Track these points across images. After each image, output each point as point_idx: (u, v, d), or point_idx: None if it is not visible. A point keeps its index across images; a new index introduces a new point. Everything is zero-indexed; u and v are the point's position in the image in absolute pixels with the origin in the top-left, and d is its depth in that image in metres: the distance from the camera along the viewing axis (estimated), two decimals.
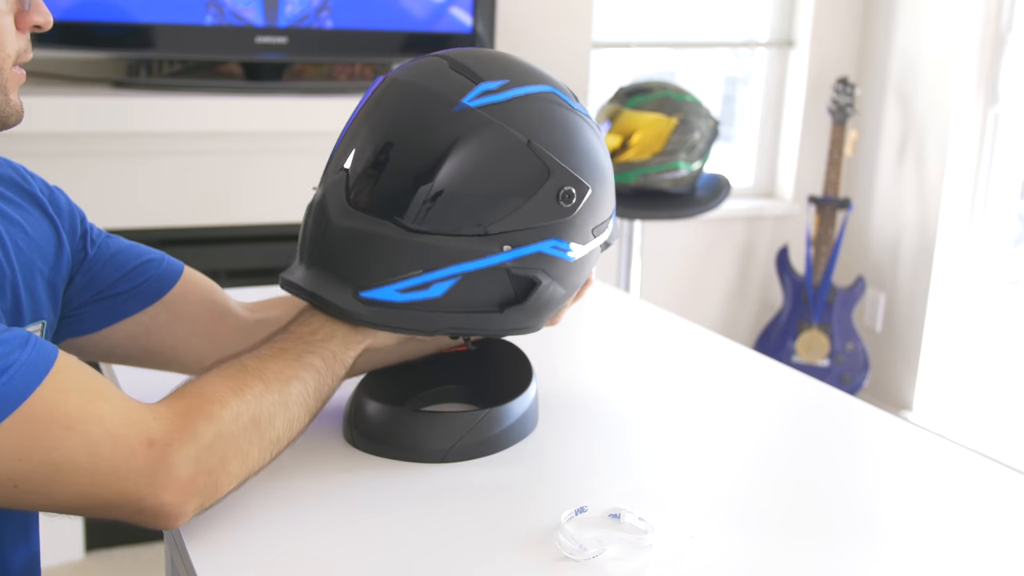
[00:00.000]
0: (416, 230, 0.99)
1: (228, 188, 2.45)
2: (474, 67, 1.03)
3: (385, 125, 1.03)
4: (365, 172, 1.01)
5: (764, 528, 0.96)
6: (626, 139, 2.92)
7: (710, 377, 1.40)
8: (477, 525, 0.94)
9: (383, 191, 1.00)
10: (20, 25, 0.91)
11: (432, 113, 1.01)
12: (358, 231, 1.00)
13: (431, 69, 1.04)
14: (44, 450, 0.79)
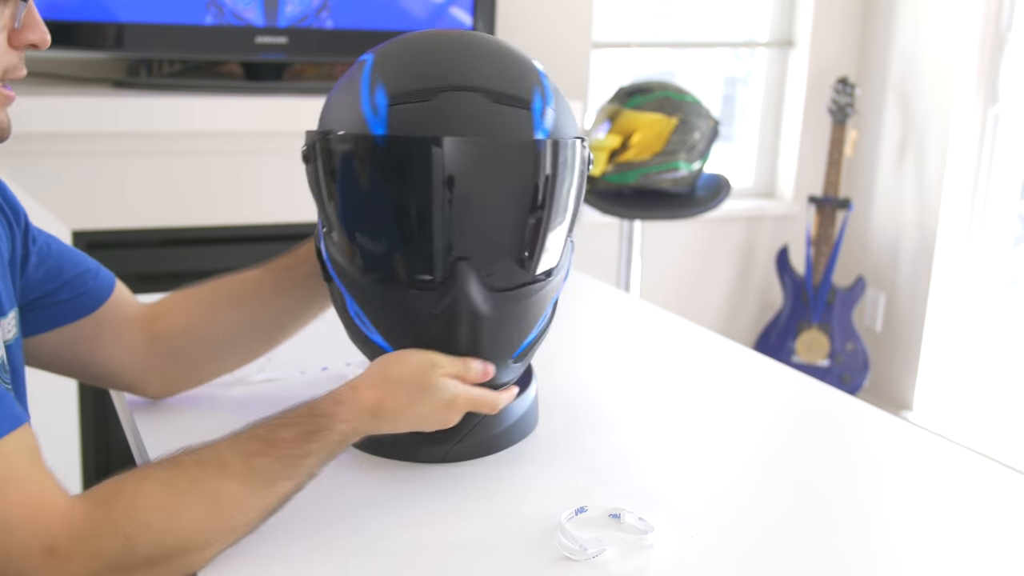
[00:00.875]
0: (549, 272, 1.01)
1: (228, 188, 2.45)
2: (509, 90, 0.96)
3: (488, 194, 0.95)
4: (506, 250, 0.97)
5: (764, 528, 0.96)
6: (626, 139, 2.92)
7: (710, 377, 1.40)
8: (477, 525, 0.94)
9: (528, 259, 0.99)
10: (14, 43, 0.87)
11: (522, 163, 0.96)
12: (514, 311, 0.98)
13: (479, 111, 0.95)
14: None
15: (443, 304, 0.95)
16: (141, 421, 1.14)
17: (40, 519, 0.78)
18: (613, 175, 2.93)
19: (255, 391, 1.25)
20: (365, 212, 0.98)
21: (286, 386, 1.26)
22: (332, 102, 1.05)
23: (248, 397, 1.23)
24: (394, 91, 0.96)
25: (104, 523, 0.80)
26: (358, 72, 1.01)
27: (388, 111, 0.95)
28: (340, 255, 1.01)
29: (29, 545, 0.77)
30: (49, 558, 0.78)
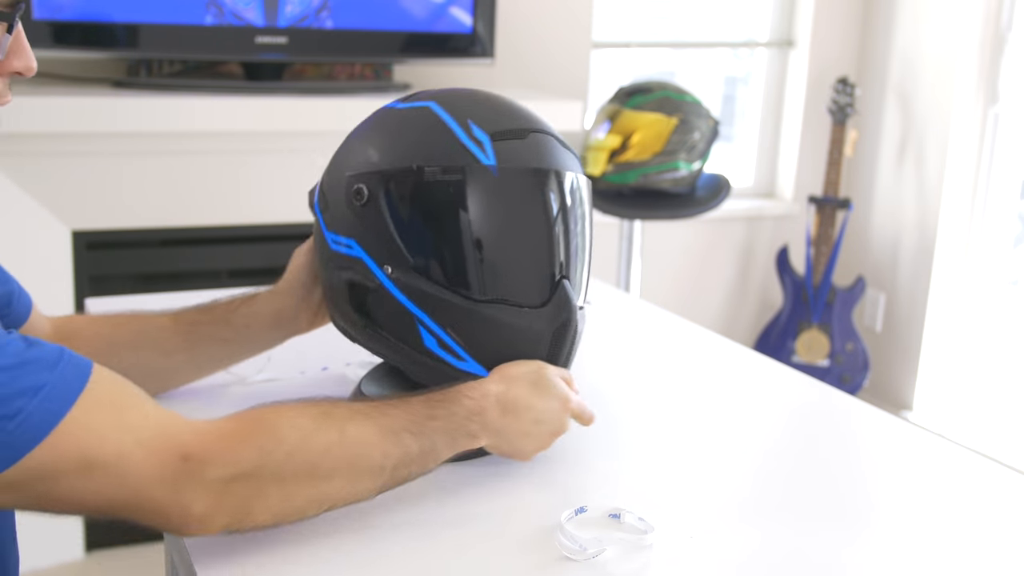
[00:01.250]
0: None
1: (228, 188, 2.45)
2: (559, 136, 1.10)
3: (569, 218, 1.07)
4: (580, 270, 1.09)
5: (764, 528, 0.96)
6: (626, 139, 2.92)
7: (710, 377, 1.40)
8: (477, 525, 0.94)
9: (587, 280, 1.11)
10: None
11: (588, 196, 1.10)
12: (583, 324, 1.09)
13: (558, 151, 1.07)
14: (74, 459, 0.78)
15: (558, 321, 1.04)
16: None
17: (170, 430, 0.82)
18: (613, 175, 2.93)
19: (255, 391, 1.25)
20: (474, 241, 1.03)
21: (286, 386, 1.26)
22: (385, 142, 1.07)
23: (248, 397, 1.23)
24: (491, 129, 1.04)
25: (239, 431, 0.84)
26: (424, 114, 1.06)
27: (493, 146, 1.03)
28: (430, 287, 1.03)
29: (163, 455, 0.80)
30: (186, 463, 0.80)
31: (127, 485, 0.80)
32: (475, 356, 1.04)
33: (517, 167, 1.03)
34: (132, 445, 0.80)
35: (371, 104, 2.77)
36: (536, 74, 3.03)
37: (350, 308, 1.08)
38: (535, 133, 1.06)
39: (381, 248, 1.04)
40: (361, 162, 1.06)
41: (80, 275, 2.37)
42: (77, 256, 2.36)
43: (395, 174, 1.03)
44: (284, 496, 0.85)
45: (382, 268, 1.04)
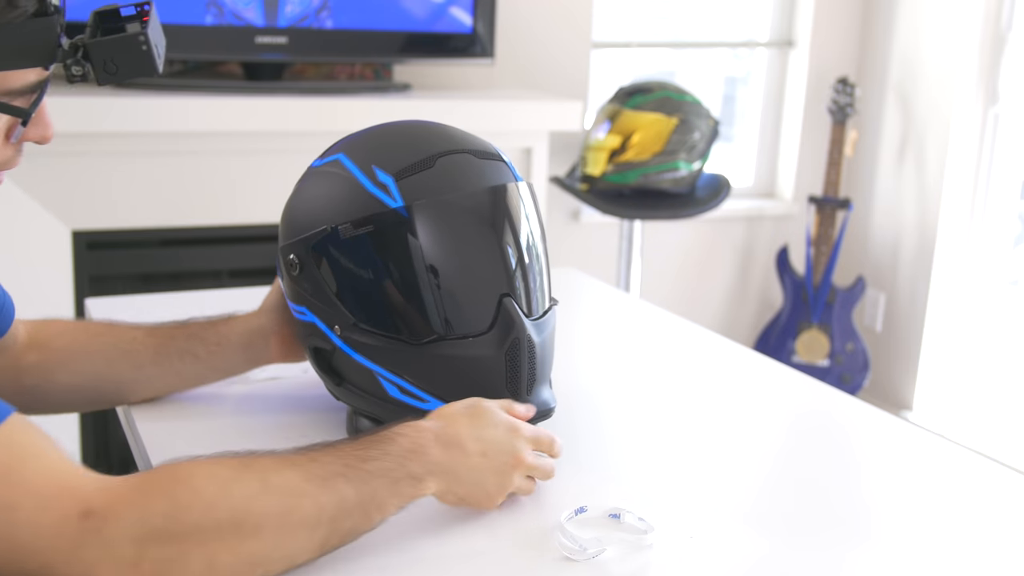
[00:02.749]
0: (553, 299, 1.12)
1: (228, 188, 2.45)
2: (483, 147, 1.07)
3: (506, 231, 1.05)
4: (528, 281, 1.07)
5: (764, 528, 0.96)
6: (626, 139, 2.92)
7: (710, 377, 1.40)
8: (477, 525, 0.94)
9: (546, 284, 1.10)
10: (11, 137, 0.86)
11: (517, 200, 1.07)
12: (547, 334, 1.08)
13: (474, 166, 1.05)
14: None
15: (507, 341, 1.02)
16: (141, 422, 1.14)
17: (71, 484, 0.73)
18: (613, 175, 2.93)
19: (257, 390, 1.25)
20: (401, 285, 1.02)
21: (288, 385, 1.26)
22: (310, 210, 1.06)
23: (250, 396, 1.23)
24: (394, 169, 1.02)
25: (149, 483, 0.75)
26: (336, 171, 1.05)
27: (398, 185, 1.01)
28: (375, 340, 1.03)
29: (63, 511, 0.71)
30: (86, 521, 0.71)
31: (17, 540, 0.71)
32: (437, 396, 1.03)
33: (423, 201, 1.01)
34: (24, 496, 0.71)
35: (371, 104, 2.77)
36: (536, 74, 3.03)
37: (320, 371, 1.10)
38: (444, 157, 1.03)
39: (325, 310, 1.05)
40: (290, 230, 1.08)
41: (80, 275, 2.37)
42: (77, 256, 2.36)
43: (315, 238, 1.03)
44: (207, 558, 0.75)
45: (332, 329, 1.05)
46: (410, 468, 0.87)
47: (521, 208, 1.06)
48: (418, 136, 1.07)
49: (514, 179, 1.07)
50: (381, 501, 0.84)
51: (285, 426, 1.15)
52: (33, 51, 0.82)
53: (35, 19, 0.81)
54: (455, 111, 2.54)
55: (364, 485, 0.83)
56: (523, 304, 1.04)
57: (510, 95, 2.77)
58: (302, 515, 0.79)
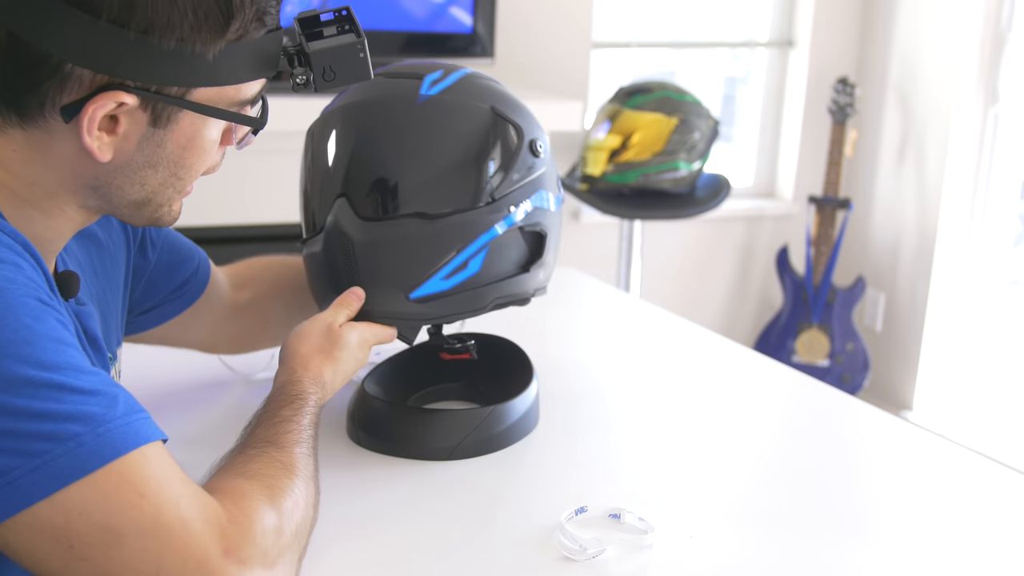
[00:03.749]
0: (438, 215, 1.05)
1: (228, 188, 2.45)
2: (408, 71, 1.11)
3: (368, 140, 1.08)
4: (372, 185, 1.06)
5: (764, 528, 0.96)
6: (626, 139, 2.92)
7: (710, 377, 1.40)
8: (477, 525, 0.94)
9: (397, 193, 1.06)
10: (223, 143, 0.92)
11: (404, 112, 1.08)
12: (385, 239, 1.05)
13: (372, 86, 1.10)
14: (108, 512, 0.71)
15: (324, 239, 1.06)
16: None
17: (213, 517, 0.75)
18: (613, 175, 2.93)
19: (256, 389, 1.25)
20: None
21: None
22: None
23: (250, 395, 1.24)
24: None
25: (255, 515, 0.78)
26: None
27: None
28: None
29: (209, 545, 0.73)
30: (227, 558, 0.74)
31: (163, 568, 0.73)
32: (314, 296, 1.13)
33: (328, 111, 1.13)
34: (173, 518, 0.73)
35: None
36: (536, 74, 3.03)
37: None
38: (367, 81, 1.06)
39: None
40: None
41: None
42: None
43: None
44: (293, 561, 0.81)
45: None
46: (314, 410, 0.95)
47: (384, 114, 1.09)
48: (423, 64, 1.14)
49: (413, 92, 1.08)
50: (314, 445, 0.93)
51: None
52: (266, 62, 0.87)
53: (271, 33, 0.86)
54: None
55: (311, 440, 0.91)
56: (359, 205, 1.06)
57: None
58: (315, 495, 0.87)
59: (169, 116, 0.82)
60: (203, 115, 0.84)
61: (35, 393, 0.70)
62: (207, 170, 0.91)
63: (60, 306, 0.79)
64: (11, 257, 0.76)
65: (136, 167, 0.83)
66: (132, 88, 0.79)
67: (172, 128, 0.83)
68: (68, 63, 0.77)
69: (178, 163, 0.85)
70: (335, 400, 1.20)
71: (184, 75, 0.80)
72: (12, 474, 0.70)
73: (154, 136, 0.82)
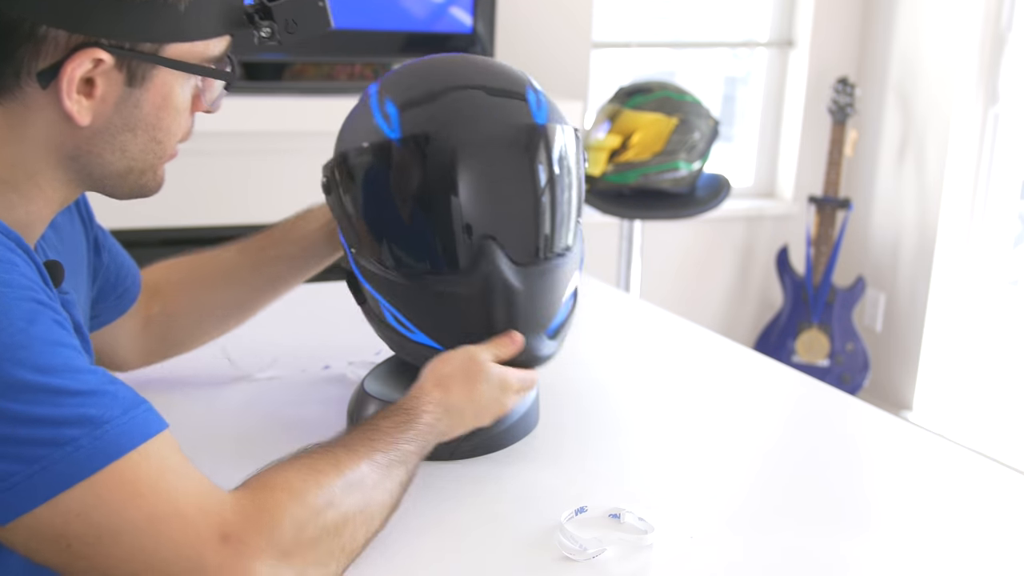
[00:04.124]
0: (568, 249, 1.07)
1: (228, 188, 2.45)
2: (504, 86, 1.06)
3: (508, 177, 1.02)
4: (524, 228, 1.03)
5: (764, 528, 0.96)
6: (626, 139, 2.92)
7: (710, 377, 1.40)
8: (477, 525, 0.94)
9: (552, 234, 1.05)
10: (194, 110, 0.92)
11: (534, 144, 1.03)
12: (542, 283, 1.04)
13: (473, 105, 1.03)
14: (105, 513, 0.72)
15: (477, 283, 1.01)
16: None
17: (212, 506, 0.76)
18: (613, 175, 2.93)
19: (256, 388, 1.25)
20: (393, 215, 1.03)
21: (288, 384, 1.26)
22: (342, 134, 1.11)
23: (249, 395, 1.24)
24: (402, 100, 1.04)
25: (271, 504, 0.78)
26: (365, 98, 1.09)
27: (400, 117, 1.02)
28: (375, 267, 1.06)
29: (201, 531, 0.74)
30: (225, 545, 0.74)
31: (158, 557, 0.73)
32: (421, 328, 1.05)
33: (419, 133, 1.01)
34: (169, 513, 0.74)
35: None
36: (536, 74, 3.01)
37: (351, 292, 1.12)
38: (455, 92, 1.03)
39: (348, 232, 1.09)
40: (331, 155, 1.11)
41: None
42: None
43: (335, 161, 1.07)
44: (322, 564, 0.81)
45: (351, 251, 1.09)
46: (430, 439, 0.96)
47: (523, 151, 1.03)
48: (442, 69, 1.07)
49: (530, 119, 1.04)
50: (414, 470, 0.93)
51: (285, 425, 1.15)
52: (232, 16, 0.87)
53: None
54: None
55: (410, 464, 0.92)
56: (511, 248, 1.02)
57: None
58: (379, 504, 0.87)
59: (144, 75, 0.82)
60: (176, 71, 0.84)
61: (33, 398, 0.71)
62: (182, 135, 0.91)
63: (56, 301, 0.80)
64: (6, 255, 0.76)
65: (115, 131, 0.84)
66: (107, 46, 0.79)
67: (147, 87, 0.83)
68: (42, 25, 0.78)
69: (156, 125, 0.86)
70: (335, 400, 1.20)
71: (156, 29, 0.81)
72: (11, 480, 0.71)
73: (131, 97, 0.83)
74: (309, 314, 1.50)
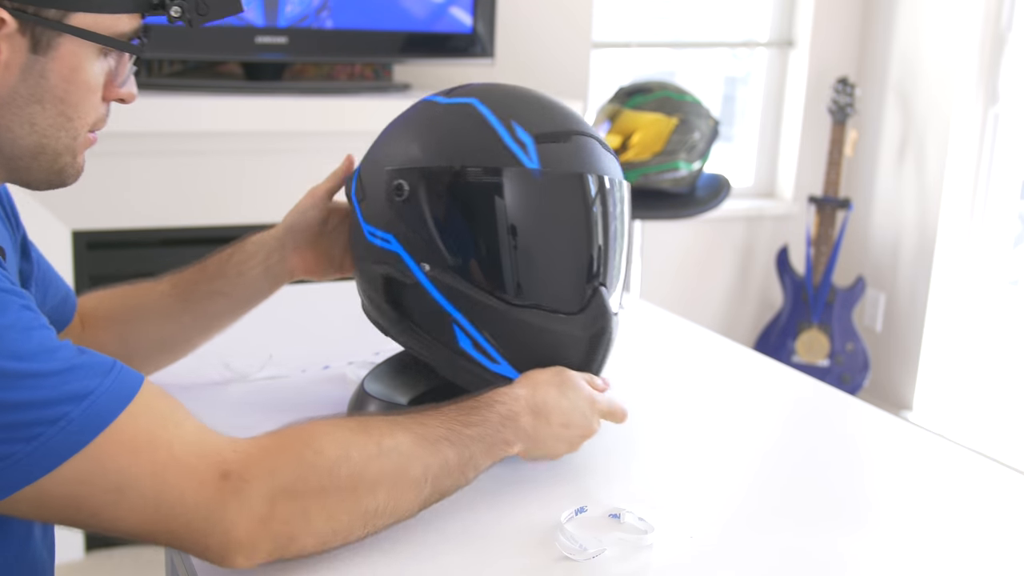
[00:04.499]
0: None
1: (228, 188, 2.45)
2: (603, 140, 1.08)
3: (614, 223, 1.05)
4: (622, 276, 1.07)
5: (764, 528, 0.96)
6: (626, 139, 2.92)
7: (710, 377, 1.40)
8: (478, 525, 0.94)
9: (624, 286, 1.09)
10: (106, 96, 0.90)
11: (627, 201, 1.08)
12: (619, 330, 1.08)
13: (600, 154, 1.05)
14: (107, 474, 0.76)
15: (594, 328, 1.03)
16: None
17: (210, 448, 0.79)
18: None
19: (256, 388, 1.25)
20: (512, 244, 1.01)
21: (287, 384, 1.26)
22: (428, 137, 1.05)
23: (249, 395, 1.23)
24: (536, 132, 1.02)
25: (278, 444, 0.81)
26: (467, 110, 1.04)
27: (537, 148, 1.01)
28: (470, 289, 1.02)
29: (201, 473, 0.77)
30: (225, 482, 0.78)
31: (163, 503, 0.77)
32: (509, 359, 1.03)
33: (559, 171, 1.01)
34: (169, 461, 0.77)
35: (371, 104, 2.77)
36: (536, 74, 3.03)
37: (384, 301, 1.07)
38: (578, 136, 1.04)
39: (420, 245, 1.02)
40: (402, 156, 1.04)
41: (80, 275, 2.37)
42: (77, 256, 2.36)
43: (437, 172, 1.01)
44: (328, 514, 0.82)
45: (420, 265, 1.03)
46: (504, 434, 0.94)
47: (627, 207, 1.08)
48: (555, 107, 1.07)
49: (622, 177, 1.08)
50: (477, 462, 0.91)
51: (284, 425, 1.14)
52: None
53: None
54: None
55: (465, 448, 0.90)
56: (611, 296, 1.05)
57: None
58: (412, 476, 0.86)
59: (49, 42, 0.82)
60: (82, 41, 0.84)
61: (15, 384, 0.74)
62: (95, 123, 0.90)
63: (17, 282, 0.82)
64: None
65: (22, 102, 0.84)
66: (9, 8, 0.80)
67: (53, 56, 0.83)
68: None
69: (64, 99, 0.85)
70: (335, 400, 1.20)
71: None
72: (12, 458, 0.74)
73: (36, 65, 0.83)
74: (309, 314, 1.50)
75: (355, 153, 1.18)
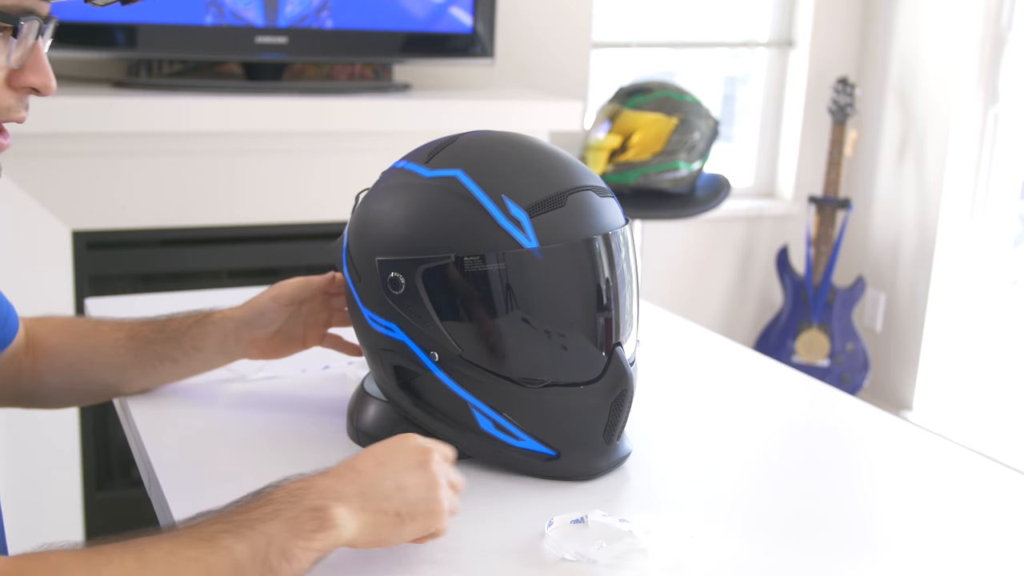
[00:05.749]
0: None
1: (228, 188, 2.45)
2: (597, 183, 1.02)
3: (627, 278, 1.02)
4: (635, 332, 1.04)
5: (764, 529, 0.96)
6: (626, 139, 2.92)
7: (710, 377, 1.40)
8: (475, 526, 0.94)
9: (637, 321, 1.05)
10: (13, 84, 0.84)
11: (633, 248, 1.05)
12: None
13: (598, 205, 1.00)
14: None
15: (615, 392, 1.00)
16: (141, 421, 1.14)
17: None
18: (613, 175, 2.93)
19: (255, 388, 1.25)
20: (520, 327, 0.98)
21: (287, 384, 1.26)
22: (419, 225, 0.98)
23: (248, 395, 1.23)
24: (528, 204, 0.96)
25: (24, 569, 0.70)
26: (454, 188, 0.98)
27: (532, 224, 0.96)
28: (480, 375, 0.99)
29: None
30: None
31: None
32: (533, 435, 1.00)
33: (560, 244, 0.96)
34: None
35: (371, 104, 2.76)
36: (536, 74, 3.03)
37: (397, 388, 1.04)
38: (573, 194, 0.98)
39: (425, 336, 0.99)
40: (392, 244, 0.99)
41: (80, 275, 2.37)
42: (77, 256, 2.36)
43: (431, 264, 0.97)
44: None
45: (428, 355, 0.99)
46: (305, 503, 0.77)
47: (632, 248, 1.03)
48: (543, 164, 1.00)
49: (623, 217, 1.03)
50: (283, 546, 0.74)
51: (284, 425, 1.15)
52: None
53: None
54: (455, 111, 2.53)
55: (254, 533, 0.74)
56: (627, 351, 1.01)
57: (510, 95, 2.77)
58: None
59: None
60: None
61: None
62: (6, 113, 0.84)
63: None
64: None
65: None
66: None
67: None
68: None
69: None
70: (335, 400, 1.20)
71: None
72: None
73: None
74: None
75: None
